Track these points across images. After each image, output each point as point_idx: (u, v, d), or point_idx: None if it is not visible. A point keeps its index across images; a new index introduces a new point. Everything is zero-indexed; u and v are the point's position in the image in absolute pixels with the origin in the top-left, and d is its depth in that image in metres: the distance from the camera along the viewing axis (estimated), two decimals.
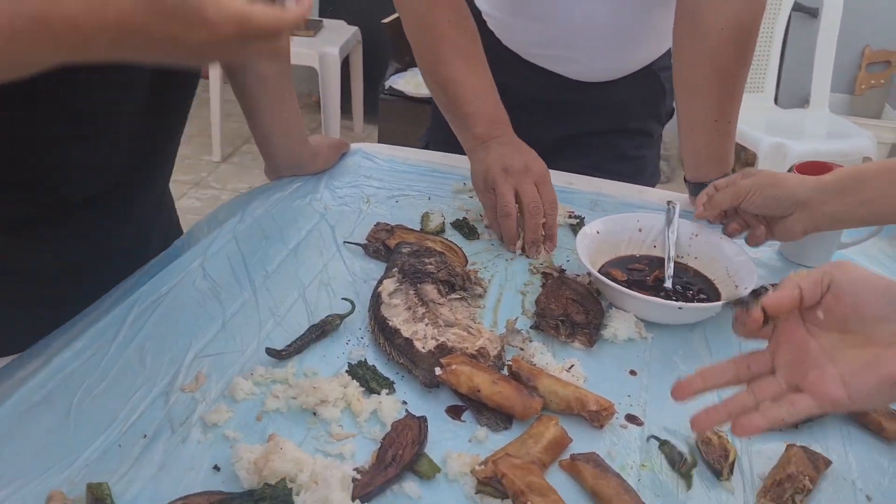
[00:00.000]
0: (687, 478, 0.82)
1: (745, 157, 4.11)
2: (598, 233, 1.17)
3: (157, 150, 1.10)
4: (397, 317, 0.99)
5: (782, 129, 3.23)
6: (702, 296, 1.10)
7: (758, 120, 3.31)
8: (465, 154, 1.52)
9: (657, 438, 0.87)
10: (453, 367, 0.90)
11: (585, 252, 1.11)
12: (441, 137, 1.58)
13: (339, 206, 1.32)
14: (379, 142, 3.62)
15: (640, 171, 1.60)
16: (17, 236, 0.96)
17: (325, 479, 0.75)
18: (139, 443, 0.82)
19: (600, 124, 1.54)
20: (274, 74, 1.25)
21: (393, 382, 0.93)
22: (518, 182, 1.21)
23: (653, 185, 1.60)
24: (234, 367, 0.94)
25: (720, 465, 0.85)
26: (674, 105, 1.39)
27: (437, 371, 0.90)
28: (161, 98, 1.01)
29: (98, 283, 1.05)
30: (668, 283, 1.11)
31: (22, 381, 0.88)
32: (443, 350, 0.93)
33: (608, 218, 1.20)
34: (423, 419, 0.85)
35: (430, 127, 1.69)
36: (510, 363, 0.94)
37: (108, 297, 1.03)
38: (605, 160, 1.54)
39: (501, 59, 1.46)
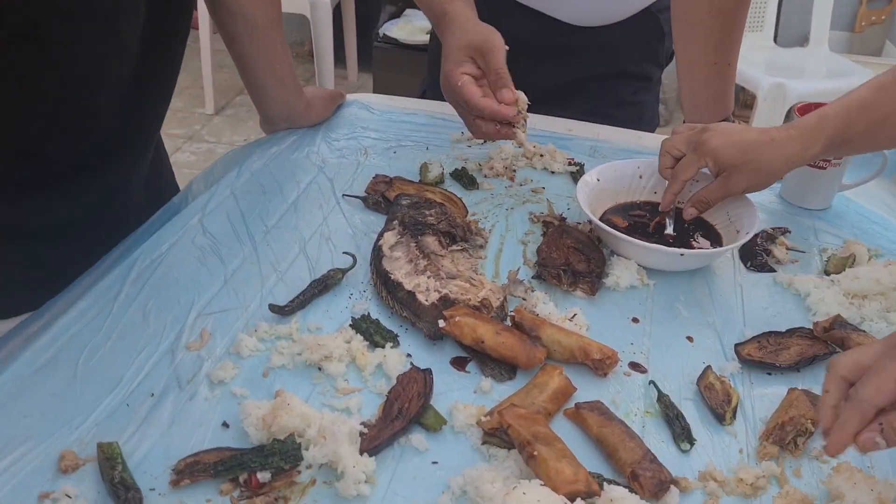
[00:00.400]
0: (681, 443, 0.82)
1: (745, 99, 4.07)
2: (597, 180, 1.16)
3: (146, 112, 1.08)
4: (399, 270, 0.99)
5: (782, 69, 3.19)
6: (703, 241, 1.10)
7: (757, 59, 3.27)
8: None
9: (656, 387, 0.88)
10: (456, 318, 0.90)
11: (585, 200, 1.10)
12: (438, 84, 1.56)
13: (337, 159, 1.31)
14: (374, 90, 3.62)
15: (639, 116, 1.59)
16: (9, 200, 0.95)
17: (333, 434, 0.75)
18: (147, 401, 0.83)
19: (598, 69, 1.52)
20: (264, 22, 1.23)
21: (397, 336, 0.93)
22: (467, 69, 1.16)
23: (652, 130, 1.59)
24: (238, 324, 0.94)
25: (723, 410, 0.86)
26: (673, 48, 1.37)
27: (441, 323, 0.90)
28: (148, 63, 1.00)
29: (97, 243, 1.04)
30: (670, 229, 1.11)
31: (25, 344, 0.88)
32: (445, 302, 0.93)
33: (608, 165, 1.19)
34: (427, 371, 0.85)
35: (426, 75, 1.67)
36: (513, 314, 0.94)
37: (109, 257, 1.03)
38: (603, 106, 1.53)
39: (497, 4, 1.44)
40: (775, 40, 3.45)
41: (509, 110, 1.13)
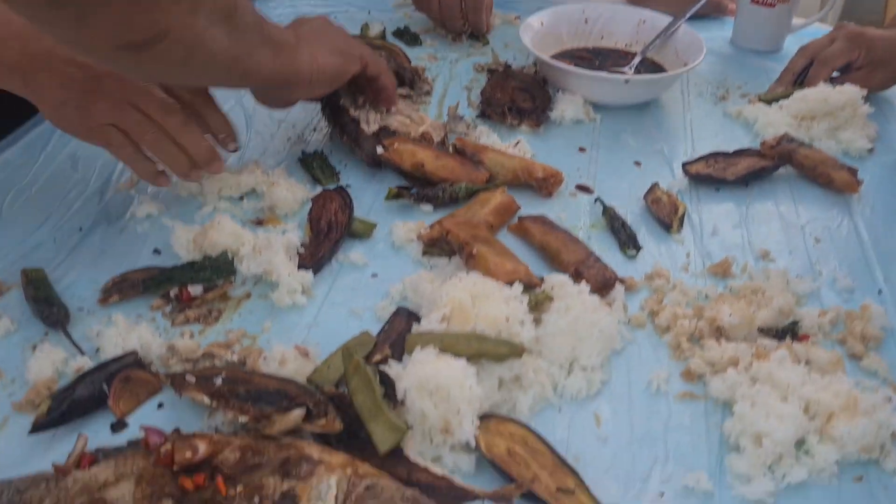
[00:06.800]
0: (627, 250, 0.81)
1: None
2: (541, 24, 1.12)
3: None
4: (346, 99, 0.95)
5: None
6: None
7: None
8: None
9: (602, 203, 0.86)
10: (395, 145, 0.87)
11: (530, 42, 1.07)
12: None
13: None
14: None
15: None
16: None
17: (270, 245, 0.73)
18: (75, 235, 0.80)
19: None
20: None
21: (338, 172, 0.90)
22: None
23: None
24: None
25: (670, 220, 0.84)
26: None
27: (379, 150, 0.87)
28: None
29: None
30: (637, 59, 1.08)
31: None
32: (386, 132, 0.90)
33: (551, 10, 1.15)
34: (342, 188, 0.85)
35: None
36: (454, 143, 0.91)
37: (38, 115, 0.98)
38: None
39: None
40: None
41: None
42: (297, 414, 0.55)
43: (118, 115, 0.75)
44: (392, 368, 0.60)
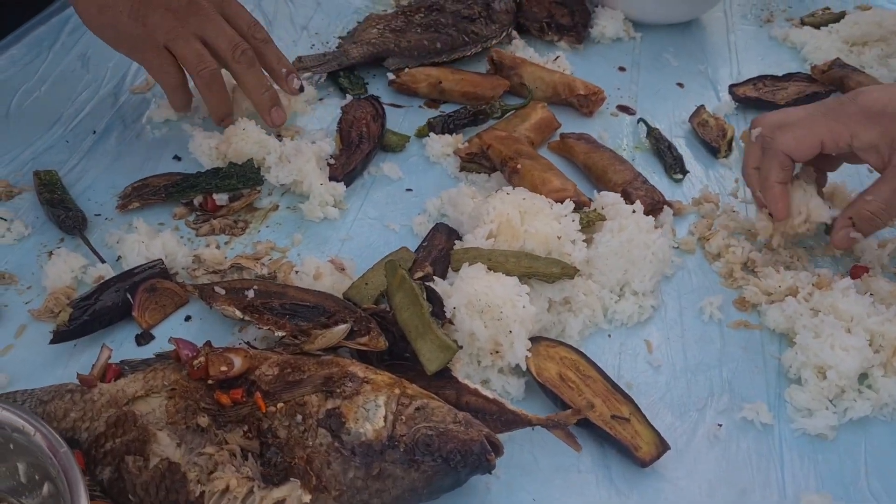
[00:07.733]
0: (673, 174, 0.77)
1: None
2: None
3: None
4: None
5: None
6: None
7: None
8: None
9: (646, 123, 0.81)
10: (406, 69, 0.83)
11: None
12: None
13: None
14: None
15: None
16: None
17: (300, 153, 0.68)
18: (88, 138, 0.75)
19: None
20: None
21: (366, 83, 0.85)
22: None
23: None
24: None
25: (717, 144, 0.80)
26: None
27: (390, 76, 0.82)
28: None
29: None
30: None
31: None
32: None
33: None
34: (374, 97, 0.79)
35: None
36: (491, 55, 0.86)
37: (45, 12, 0.92)
38: None
39: None
40: None
41: None
42: (342, 329, 0.52)
43: (176, 40, 0.67)
44: (438, 285, 0.56)
